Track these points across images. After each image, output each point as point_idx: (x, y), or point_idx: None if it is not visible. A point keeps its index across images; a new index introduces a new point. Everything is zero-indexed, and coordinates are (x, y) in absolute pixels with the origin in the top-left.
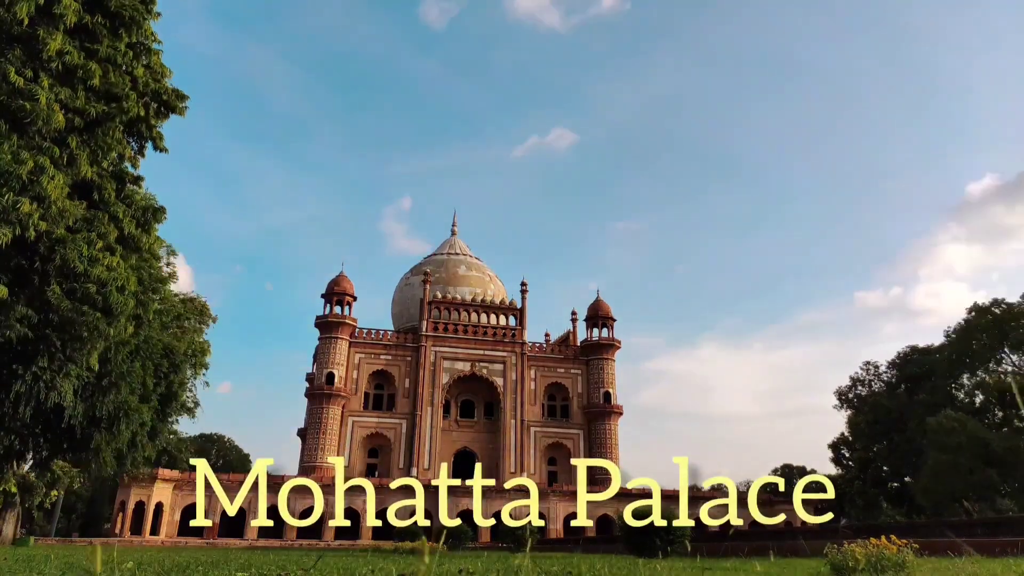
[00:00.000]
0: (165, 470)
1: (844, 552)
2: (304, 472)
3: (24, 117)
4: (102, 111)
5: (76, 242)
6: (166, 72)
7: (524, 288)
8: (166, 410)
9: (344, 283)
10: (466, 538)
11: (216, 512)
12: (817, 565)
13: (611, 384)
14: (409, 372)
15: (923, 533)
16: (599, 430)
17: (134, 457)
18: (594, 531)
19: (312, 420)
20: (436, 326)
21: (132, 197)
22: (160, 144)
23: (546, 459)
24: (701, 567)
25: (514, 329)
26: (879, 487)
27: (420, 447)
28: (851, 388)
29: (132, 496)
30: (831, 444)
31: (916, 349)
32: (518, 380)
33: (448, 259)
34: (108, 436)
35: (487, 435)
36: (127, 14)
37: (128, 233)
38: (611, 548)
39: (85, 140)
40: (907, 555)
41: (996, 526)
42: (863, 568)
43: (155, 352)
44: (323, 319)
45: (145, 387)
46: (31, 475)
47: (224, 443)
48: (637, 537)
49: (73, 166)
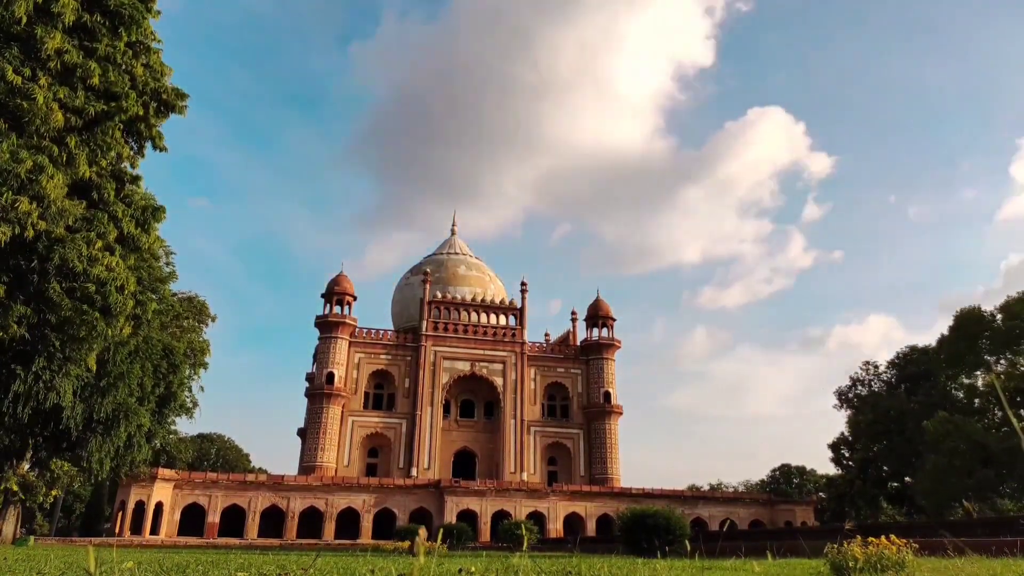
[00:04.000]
0: (165, 470)
1: (844, 552)
2: (304, 472)
3: (23, 116)
4: (101, 110)
5: (75, 241)
6: (166, 71)
7: (524, 288)
8: (164, 410)
9: (344, 283)
10: (466, 538)
11: (216, 511)
12: (817, 565)
13: (611, 384)
14: (409, 372)
15: (924, 533)
16: (599, 430)
17: (131, 459)
18: (594, 531)
19: (312, 420)
20: (436, 326)
21: (131, 197)
22: (160, 143)
23: (546, 459)
24: (701, 567)
25: (514, 329)
26: (879, 487)
27: (420, 447)
28: (851, 388)
29: (132, 496)
30: (831, 444)
31: (915, 349)
32: (518, 380)
33: (448, 259)
34: (105, 438)
35: (487, 435)
36: (126, 12)
37: (127, 233)
38: (611, 548)
39: (84, 139)
40: (907, 555)
41: (996, 526)
42: (863, 568)
43: (154, 352)
44: (323, 319)
45: (143, 388)
46: (31, 475)
47: (224, 443)
48: (637, 537)
49: (72, 165)
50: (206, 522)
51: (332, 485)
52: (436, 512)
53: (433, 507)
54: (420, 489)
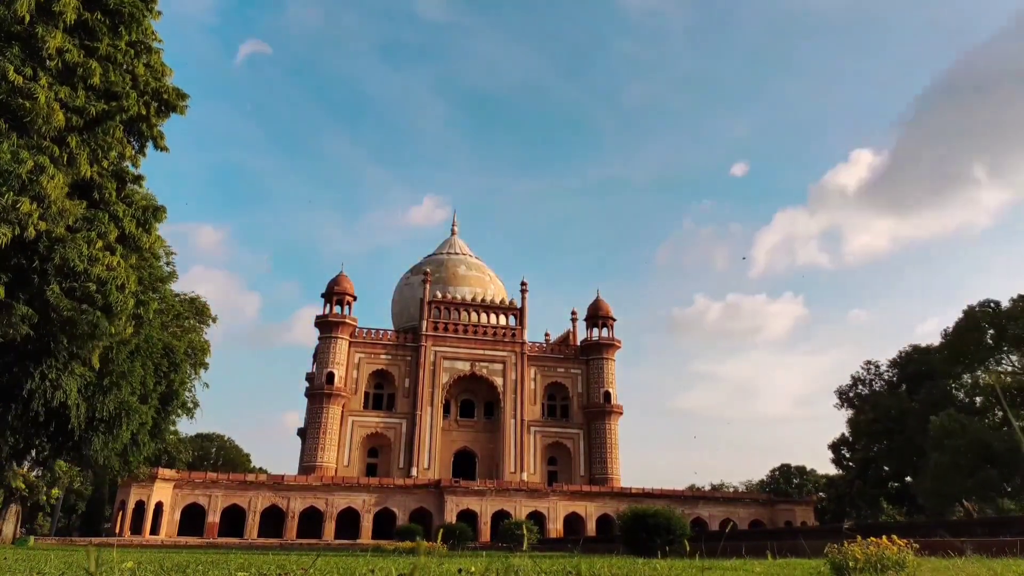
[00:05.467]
0: (165, 469)
1: (844, 552)
2: (304, 472)
3: (24, 116)
4: (102, 110)
5: (76, 241)
6: (167, 71)
7: (524, 288)
8: (166, 409)
9: (344, 283)
10: (466, 538)
11: (216, 511)
12: (817, 565)
13: (611, 384)
14: (409, 372)
15: (924, 533)
16: (599, 430)
17: (135, 456)
18: (594, 531)
19: (312, 420)
20: (436, 326)
21: (132, 196)
22: (161, 143)
23: (546, 459)
24: (701, 567)
25: (514, 329)
26: (879, 487)
27: (420, 447)
28: (852, 387)
29: (132, 495)
30: (831, 444)
31: (917, 348)
32: (518, 380)
33: (448, 259)
34: (108, 437)
35: (487, 435)
36: (127, 11)
37: (128, 232)
38: (611, 548)
39: (85, 139)
40: (907, 555)
41: (996, 526)
42: (863, 568)
43: (155, 351)
44: (323, 319)
45: (145, 386)
46: (32, 474)
47: (224, 442)
48: (637, 537)
49: (73, 165)
50: (206, 522)
51: (332, 485)
52: (436, 512)
53: (433, 507)
54: (420, 489)
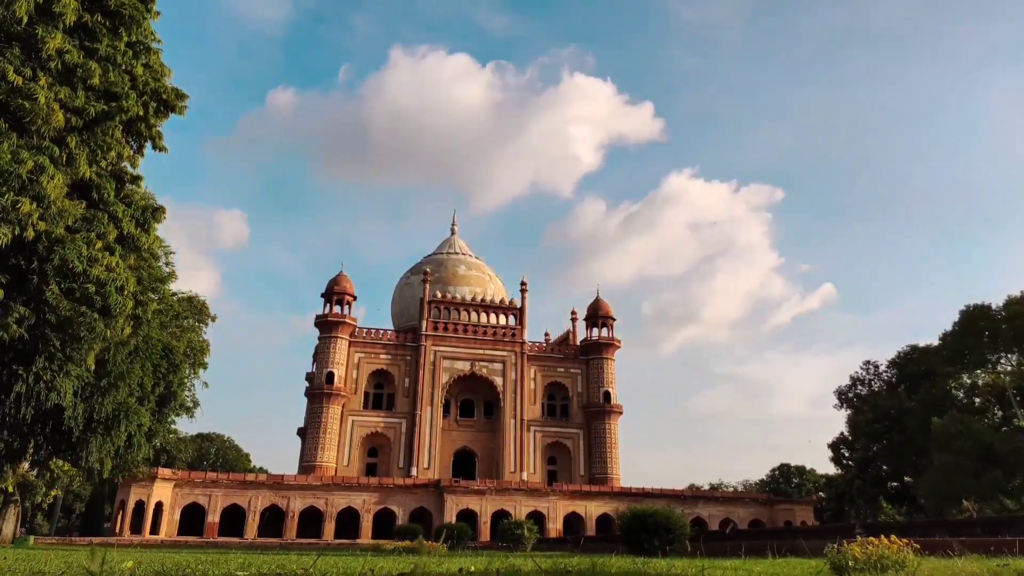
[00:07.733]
0: (165, 469)
1: (844, 552)
2: (304, 471)
3: (23, 116)
4: (101, 110)
5: (75, 242)
6: (166, 71)
7: (524, 288)
8: (164, 410)
9: (344, 282)
10: (466, 537)
11: (216, 511)
12: (817, 565)
13: (611, 383)
14: (409, 371)
15: (924, 532)
16: (599, 429)
17: (132, 458)
18: (594, 530)
19: (312, 419)
20: (436, 326)
21: (131, 196)
22: (159, 143)
23: (546, 458)
24: (701, 566)
25: (514, 329)
26: (879, 487)
27: (420, 446)
28: (851, 387)
29: (132, 495)
30: (831, 444)
31: (916, 348)
32: (518, 379)
33: (448, 259)
34: (105, 438)
35: (487, 434)
36: (127, 12)
37: (127, 233)
38: (611, 548)
39: (84, 139)
40: (907, 554)
41: (997, 525)
42: (863, 567)
43: (154, 352)
44: (323, 318)
45: (144, 387)
46: (31, 475)
47: (223, 442)
48: (637, 536)
49: (72, 165)
50: (206, 522)
51: (332, 485)
52: (436, 512)
53: (433, 507)
54: (420, 489)
